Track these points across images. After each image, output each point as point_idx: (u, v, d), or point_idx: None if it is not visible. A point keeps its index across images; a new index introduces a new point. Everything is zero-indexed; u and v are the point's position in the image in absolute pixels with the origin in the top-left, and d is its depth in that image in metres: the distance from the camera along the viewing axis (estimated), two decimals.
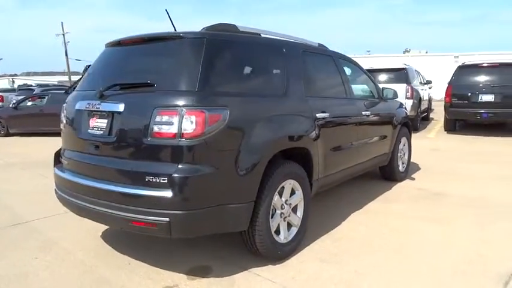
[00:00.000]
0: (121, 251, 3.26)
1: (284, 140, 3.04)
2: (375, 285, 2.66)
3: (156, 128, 2.52)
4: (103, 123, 2.80)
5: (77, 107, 2.99)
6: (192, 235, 2.67)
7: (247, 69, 2.96)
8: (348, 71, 4.39)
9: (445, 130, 10.74)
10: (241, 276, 2.83)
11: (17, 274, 2.92)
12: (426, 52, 37.26)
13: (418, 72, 12.85)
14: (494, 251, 3.15)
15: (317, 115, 3.42)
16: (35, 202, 4.78)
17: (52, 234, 3.69)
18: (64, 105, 3.27)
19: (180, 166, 2.46)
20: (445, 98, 10.37)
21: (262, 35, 3.37)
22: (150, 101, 2.58)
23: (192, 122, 2.45)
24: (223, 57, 2.79)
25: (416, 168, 6.25)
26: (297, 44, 3.66)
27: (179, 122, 2.45)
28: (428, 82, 13.60)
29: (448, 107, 10.16)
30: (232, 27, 3.14)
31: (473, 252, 3.14)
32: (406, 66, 10.85)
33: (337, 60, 4.23)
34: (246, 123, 2.72)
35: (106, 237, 3.60)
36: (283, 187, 3.02)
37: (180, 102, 2.49)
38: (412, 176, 5.79)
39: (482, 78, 9.81)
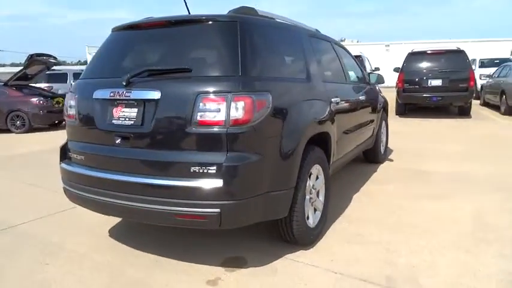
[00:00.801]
0: (140, 249, 3.07)
1: (315, 124, 3.04)
2: (412, 261, 2.77)
3: (200, 116, 2.38)
4: (132, 112, 2.58)
5: (97, 95, 2.72)
6: (240, 225, 2.58)
7: (278, 53, 2.90)
8: (343, 56, 4.46)
9: (396, 114, 11.39)
10: (280, 263, 2.80)
11: (36, 283, 2.63)
12: (358, 41, 38.77)
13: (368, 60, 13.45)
14: (501, 219, 3.43)
15: (332, 99, 3.46)
16: (16, 205, 4.32)
17: (50, 237, 3.36)
18: (71, 95, 2.96)
19: (229, 154, 2.36)
20: (397, 83, 10.99)
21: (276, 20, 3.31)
22: (192, 87, 2.43)
23: (240, 108, 2.35)
24: (258, 41, 2.70)
25: (389, 150, 6.57)
26: (305, 29, 3.65)
27: (227, 108, 2.34)
28: (377, 69, 14.28)
29: (401, 92, 10.78)
30: (252, 11, 3.04)
31: (484, 221, 3.40)
32: (362, 54, 11.30)
33: (334, 45, 4.29)
34: (286, 108, 2.68)
35: (116, 235, 3.37)
36: (311, 172, 3.02)
37: (227, 87, 2.38)
38: (390, 157, 6.09)
39: (430, 64, 10.53)
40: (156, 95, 2.48)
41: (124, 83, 2.56)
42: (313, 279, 2.57)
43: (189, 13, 2.87)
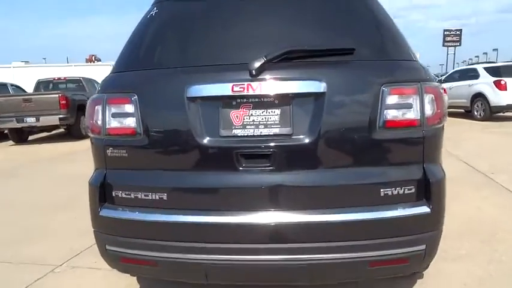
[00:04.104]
0: None
1: None
2: None
3: (389, 115, 1.70)
4: (271, 115, 1.70)
5: (198, 92, 1.70)
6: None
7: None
8: None
9: None
10: None
11: None
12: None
13: None
14: None
15: None
16: None
17: None
18: (119, 96, 1.81)
19: (427, 166, 1.75)
20: None
21: None
22: (372, 75, 1.72)
23: (432, 102, 1.76)
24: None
25: None
26: None
27: (420, 103, 1.72)
28: None
29: None
30: None
31: None
32: None
33: None
34: None
35: None
36: None
37: (415, 75, 1.75)
38: None
39: None
40: (320, 87, 1.67)
41: (254, 71, 1.66)
42: None
43: None
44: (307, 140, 1.67)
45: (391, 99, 1.70)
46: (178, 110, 1.73)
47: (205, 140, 1.71)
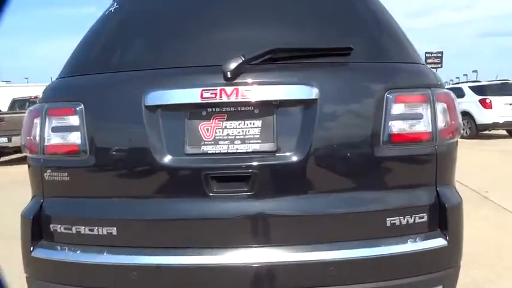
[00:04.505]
0: None
1: None
2: None
3: (395, 127, 1.38)
4: (252, 127, 1.36)
5: (159, 100, 1.36)
6: None
7: None
8: None
9: None
10: None
11: None
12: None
13: None
14: None
15: None
16: None
17: None
18: (59, 106, 1.45)
19: (441, 189, 1.43)
20: None
21: None
22: (374, 80, 1.41)
23: (445, 112, 1.45)
24: None
25: None
26: None
27: (431, 113, 1.41)
28: None
29: None
30: None
31: None
32: None
33: None
34: None
35: None
36: None
37: (424, 80, 1.45)
38: None
39: None
40: (311, 93, 1.34)
41: (229, 74, 1.33)
42: None
43: None
44: (294, 158, 1.34)
45: (398, 109, 1.39)
46: (134, 123, 1.38)
47: (167, 159, 1.35)
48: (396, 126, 1.38)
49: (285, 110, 1.36)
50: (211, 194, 1.33)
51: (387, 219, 1.35)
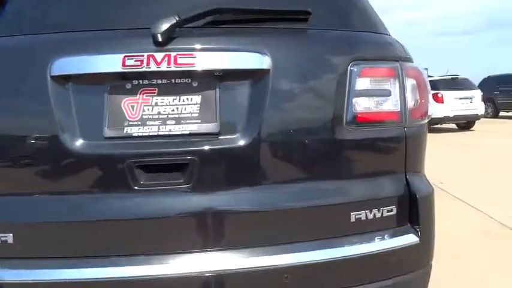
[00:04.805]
0: None
1: None
2: None
3: (360, 105, 1.18)
4: (189, 104, 1.10)
5: (70, 69, 1.06)
6: None
7: None
8: None
9: None
10: None
11: None
12: None
13: None
14: None
15: None
16: None
17: None
18: None
19: (411, 177, 1.24)
20: None
21: None
22: (335, 49, 1.19)
23: (415, 89, 1.27)
24: None
25: None
26: None
27: (400, 89, 1.22)
28: None
29: None
30: None
31: None
32: None
33: None
34: None
35: None
36: None
37: (394, 51, 1.26)
38: None
39: None
40: (261, 61, 1.10)
41: (160, 37, 1.06)
42: None
43: None
44: (241, 142, 1.09)
45: (363, 84, 1.18)
46: (37, 98, 1.08)
47: (80, 145, 1.06)
48: (361, 105, 1.18)
49: (230, 83, 1.11)
50: (137, 188, 1.06)
51: (351, 213, 1.14)
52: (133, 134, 1.08)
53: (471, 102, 11.42)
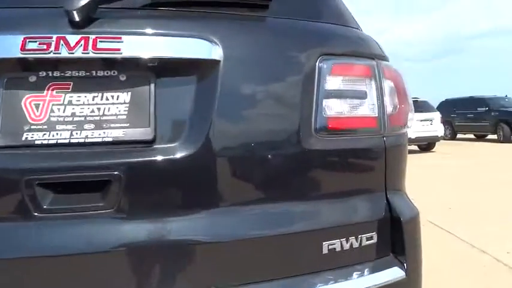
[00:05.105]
0: None
1: None
2: None
3: (331, 108, 0.97)
4: (115, 103, 0.84)
5: None
6: None
7: None
8: None
9: None
10: None
11: None
12: None
13: None
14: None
15: None
16: None
17: None
18: None
19: (392, 196, 1.04)
20: None
21: None
22: (301, 41, 0.98)
23: (394, 92, 1.08)
24: None
25: None
26: None
27: (378, 90, 1.03)
28: None
29: None
30: None
31: None
32: None
33: None
34: None
35: None
36: None
37: (370, 48, 1.06)
38: None
39: None
40: (210, 51, 0.87)
41: (76, 16, 0.81)
42: None
43: None
44: (182, 153, 0.84)
45: (334, 83, 0.97)
46: None
47: None
48: (333, 108, 0.97)
49: (169, 77, 0.88)
50: (37, 214, 0.79)
51: (323, 243, 0.91)
52: (36, 142, 0.81)
53: (431, 124, 11.70)
